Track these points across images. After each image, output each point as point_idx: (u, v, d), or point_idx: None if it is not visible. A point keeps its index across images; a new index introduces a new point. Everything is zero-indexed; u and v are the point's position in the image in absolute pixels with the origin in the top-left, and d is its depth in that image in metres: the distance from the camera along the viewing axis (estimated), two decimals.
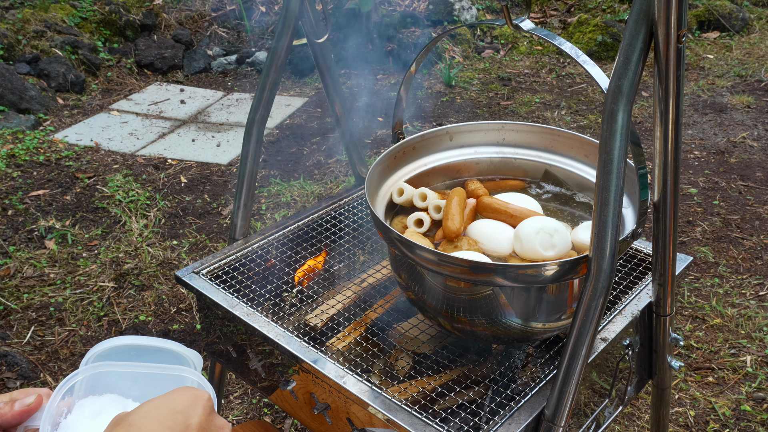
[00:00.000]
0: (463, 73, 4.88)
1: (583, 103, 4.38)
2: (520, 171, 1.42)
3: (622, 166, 0.92)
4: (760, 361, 2.33)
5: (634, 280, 1.39)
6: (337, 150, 3.80)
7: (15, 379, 2.32)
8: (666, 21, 0.86)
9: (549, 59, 5.13)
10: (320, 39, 1.47)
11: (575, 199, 1.35)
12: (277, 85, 1.45)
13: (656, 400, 1.39)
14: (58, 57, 4.65)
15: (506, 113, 4.28)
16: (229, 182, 3.56)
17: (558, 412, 1.00)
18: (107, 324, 2.59)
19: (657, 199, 1.07)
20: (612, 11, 5.58)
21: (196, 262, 1.43)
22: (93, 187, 3.48)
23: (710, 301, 2.61)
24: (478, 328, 1.14)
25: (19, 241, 3.04)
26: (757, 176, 3.45)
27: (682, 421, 2.14)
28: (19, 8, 4.97)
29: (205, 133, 4.17)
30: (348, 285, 1.45)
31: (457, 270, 1.05)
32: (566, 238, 1.14)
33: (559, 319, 1.14)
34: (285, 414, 2.21)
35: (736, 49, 5.07)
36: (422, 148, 1.39)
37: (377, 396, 1.10)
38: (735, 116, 4.09)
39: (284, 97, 4.61)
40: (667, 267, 1.13)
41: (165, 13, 5.48)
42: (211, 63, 5.21)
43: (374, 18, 5.08)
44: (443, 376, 1.21)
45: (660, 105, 0.95)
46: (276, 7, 5.63)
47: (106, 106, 4.54)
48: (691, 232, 3.03)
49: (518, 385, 1.20)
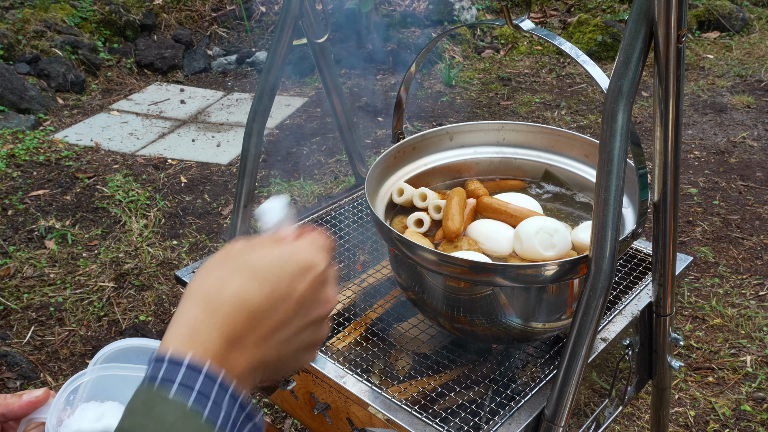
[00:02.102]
0: (463, 73, 4.88)
1: (583, 103, 4.38)
2: (520, 171, 1.42)
3: (622, 166, 0.92)
4: (760, 361, 2.33)
5: (634, 280, 1.39)
6: (337, 150, 3.80)
7: (15, 379, 2.32)
8: (666, 21, 0.86)
9: (549, 59, 5.13)
10: (320, 39, 1.47)
11: (575, 199, 1.35)
12: (277, 85, 1.45)
13: (656, 400, 1.39)
14: (58, 57, 4.65)
15: (506, 113, 4.28)
16: (229, 182, 3.56)
17: (558, 412, 1.00)
18: (107, 324, 2.59)
19: (657, 199, 1.06)
20: (612, 11, 5.58)
21: (196, 262, 1.43)
22: (93, 187, 3.48)
23: (710, 301, 2.61)
24: (478, 328, 1.14)
25: (19, 241, 3.04)
26: (757, 176, 3.45)
27: (682, 421, 2.14)
28: (19, 8, 4.97)
29: (205, 133, 4.17)
30: (348, 285, 1.45)
31: (457, 270, 1.05)
32: (566, 238, 1.14)
33: (559, 319, 1.14)
34: (285, 414, 2.21)
35: (736, 49, 5.07)
36: (422, 148, 1.39)
37: (377, 396, 1.10)
38: (735, 116, 4.09)
39: (284, 97, 4.61)
40: (667, 267, 1.13)
41: (165, 13, 5.48)
42: (211, 63, 5.21)
43: (374, 18, 5.08)
44: (443, 376, 1.21)
45: (660, 105, 0.95)
46: (276, 7, 5.63)
47: (106, 106, 4.54)
48: (691, 232, 3.03)
49: (518, 385, 1.20)
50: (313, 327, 0.65)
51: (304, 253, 0.64)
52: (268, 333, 0.60)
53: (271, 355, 0.61)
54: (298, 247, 0.65)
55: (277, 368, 0.64)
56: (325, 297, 0.65)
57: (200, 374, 0.54)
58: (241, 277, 0.60)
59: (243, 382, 0.58)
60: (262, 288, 0.60)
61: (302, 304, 0.62)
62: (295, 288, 0.62)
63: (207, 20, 5.58)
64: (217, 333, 0.57)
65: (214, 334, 0.57)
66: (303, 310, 0.62)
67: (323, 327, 0.66)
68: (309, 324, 0.64)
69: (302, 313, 0.63)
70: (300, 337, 0.63)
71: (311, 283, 0.63)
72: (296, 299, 0.62)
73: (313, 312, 0.64)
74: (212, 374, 0.55)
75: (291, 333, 0.62)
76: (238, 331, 0.58)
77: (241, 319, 0.58)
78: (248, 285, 0.60)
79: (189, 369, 0.54)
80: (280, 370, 0.65)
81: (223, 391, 0.55)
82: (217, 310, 0.58)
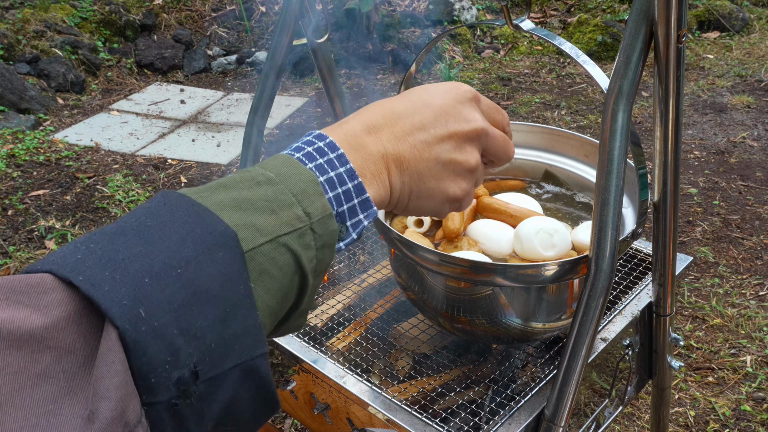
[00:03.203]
0: (463, 73, 4.88)
1: (583, 103, 4.38)
2: (520, 171, 1.42)
3: (622, 166, 0.92)
4: (760, 361, 2.33)
5: (634, 280, 1.39)
6: None
7: None
8: (666, 21, 0.86)
9: (549, 59, 5.13)
10: (320, 39, 1.47)
11: (575, 199, 1.35)
12: (277, 85, 1.45)
13: (656, 400, 1.39)
14: (58, 57, 4.65)
15: (506, 113, 4.28)
16: None
17: (558, 412, 1.00)
18: None
19: (657, 199, 1.06)
20: (612, 11, 5.58)
21: None
22: (93, 187, 3.48)
23: (710, 301, 2.61)
24: (478, 328, 1.14)
25: (19, 241, 3.04)
26: (757, 176, 3.45)
27: (682, 421, 2.14)
28: (19, 8, 4.97)
29: (205, 133, 4.17)
30: (348, 285, 1.45)
31: (457, 270, 1.05)
32: (566, 238, 1.14)
33: (559, 319, 1.14)
34: (285, 414, 2.20)
35: (736, 49, 5.07)
36: None
37: (377, 396, 1.10)
38: (735, 116, 4.09)
39: (284, 97, 4.61)
40: (667, 267, 1.13)
41: (165, 13, 5.48)
42: (211, 63, 5.21)
43: (374, 18, 5.08)
44: (443, 376, 1.21)
45: (660, 105, 0.95)
46: (276, 7, 5.63)
47: (106, 106, 4.54)
48: (691, 232, 3.03)
49: (518, 385, 1.20)
50: (453, 143, 0.66)
51: (453, 82, 0.69)
52: (405, 131, 0.63)
53: (409, 153, 0.63)
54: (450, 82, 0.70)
55: (416, 181, 0.65)
56: (468, 115, 0.67)
57: (323, 140, 0.59)
58: (395, 97, 0.67)
59: (374, 166, 0.61)
60: (407, 98, 0.66)
61: (442, 113, 0.65)
62: (436, 99, 0.66)
63: (207, 20, 5.58)
64: (358, 121, 0.63)
65: (355, 122, 0.63)
66: (442, 118, 0.65)
67: (466, 150, 0.67)
68: (448, 136, 0.65)
69: (441, 121, 0.65)
70: (439, 150, 0.65)
71: (454, 98, 0.67)
72: (436, 107, 0.65)
73: (452, 124, 0.66)
74: (330, 143, 0.59)
75: (429, 137, 0.64)
76: (376, 122, 0.63)
77: (381, 113, 0.64)
78: (397, 99, 0.66)
79: (316, 138, 0.59)
80: (419, 188, 0.65)
81: (340, 161, 0.58)
82: (362, 111, 0.65)
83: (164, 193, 0.49)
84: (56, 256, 0.42)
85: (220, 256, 0.45)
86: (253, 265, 0.47)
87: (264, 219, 0.49)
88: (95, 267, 0.40)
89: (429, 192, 0.65)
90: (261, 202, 0.50)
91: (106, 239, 0.43)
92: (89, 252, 0.42)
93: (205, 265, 0.44)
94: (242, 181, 0.52)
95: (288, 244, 0.50)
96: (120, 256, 0.42)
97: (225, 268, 0.45)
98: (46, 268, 0.41)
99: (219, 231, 0.46)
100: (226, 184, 0.51)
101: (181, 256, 0.43)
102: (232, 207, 0.49)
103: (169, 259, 0.43)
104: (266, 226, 0.49)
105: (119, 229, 0.44)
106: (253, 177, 0.52)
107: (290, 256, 0.50)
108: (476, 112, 0.68)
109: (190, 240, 0.44)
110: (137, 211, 0.47)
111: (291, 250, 0.50)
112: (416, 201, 0.66)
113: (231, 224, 0.47)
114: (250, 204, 0.50)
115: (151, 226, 0.45)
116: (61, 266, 0.40)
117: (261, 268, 0.48)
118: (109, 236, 0.44)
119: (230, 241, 0.46)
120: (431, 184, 0.65)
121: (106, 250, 0.42)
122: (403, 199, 0.65)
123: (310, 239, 0.52)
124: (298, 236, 0.51)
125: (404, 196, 0.64)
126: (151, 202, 0.48)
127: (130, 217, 0.46)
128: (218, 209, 0.48)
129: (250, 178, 0.52)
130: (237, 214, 0.48)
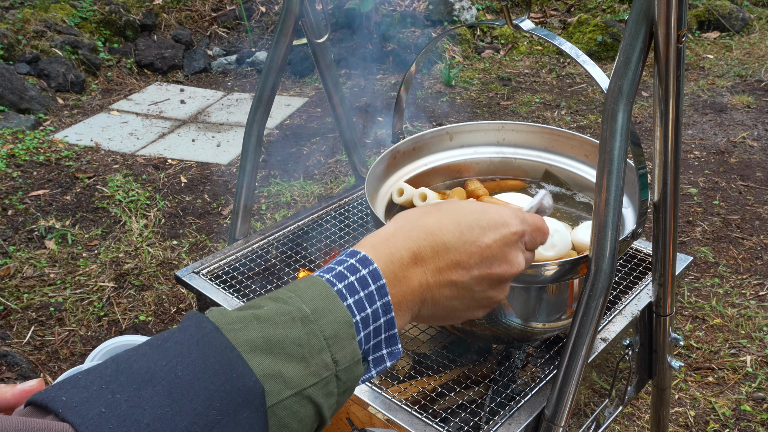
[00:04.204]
0: (463, 73, 4.88)
1: (583, 103, 4.38)
2: (520, 171, 1.42)
3: (622, 166, 0.92)
4: (760, 361, 2.33)
5: (634, 280, 1.39)
6: (337, 150, 3.80)
7: (15, 379, 2.32)
8: (666, 21, 0.86)
9: (549, 59, 5.13)
10: (320, 39, 1.47)
11: (575, 199, 1.35)
12: (277, 85, 1.45)
13: (656, 400, 1.39)
14: (58, 57, 4.65)
15: (506, 113, 4.28)
16: (229, 182, 3.56)
17: (558, 412, 1.00)
18: (107, 324, 2.59)
19: (657, 199, 1.06)
20: (612, 11, 5.58)
21: (196, 262, 1.43)
22: (93, 187, 3.48)
23: (710, 301, 2.61)
24: (478, 328, 1.14)
25: (19, 241, 3.04)
26: (757, 176, 3.45)
27: (682, 421, 2.14)
28: (19, 8, 4.97)
29: (205, 133, 4.17)
30: None
31: None
32: (566, 238, 1.14)
33: (559, 319, 1.14)
34: None
35: (736, 49, 5.07)
36: (422, 148, 1.39)
37: (377, 396, 1.10)
38: (735, 116, 4.09)
39: (284, 97, 4.61)
40: (667, 267, 1.13)
41: (165, 13, 5.48)
42: (211, 63, 5.21)
43: (374, 18, 5.08)
44: (443, 376, 1.21)
45: (660, 105, 0.95)
46: (276, 7, 5.63)
47: (106, 106, 4.54)
48: (691, 232, 3.03)
49: (518, 385, 1.20)
50: (491, 283, 0.66)
51: (504, 213, 0.68)
52: (449, 266, 0.63)
53: (447, 290, 0.63)
54: (502, 207, 0.69)
55: (445, 311, 0.65)
56: (512, 258, 0.67)
57: (366, 267, 0.57)
58: (441, 214, 0.65)
59: (411, 299, 0.60)
60: (456, 228, 0.64)
61: (487, 255, 0.65)
62: (485, 237, 0.65)
63: (207, 20, 5.58)
64: (407, 249, 0.61)
65: (403, 249, 0.61)
66: (486, 261, 0.65)
67: (502, 289, 0.68)
68: (488, 278, 0.65)
69: (485, 264, 0.65)
70: (477, 288, 0.65)
71: (501, 239, 0.66)
72: (483, 247, 0.64)
73: (495, 267, 0.65)
74: (374, 271, 0.57)
75: (469, 278, 0.64)
76: (424, 254, 0.62)
77: (431, 244, 0.62)
78: (446, 221, 0.64)
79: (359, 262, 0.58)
80: (445, 314, 0.66)
81: (379, 293, 0.57)
82: (411, 231, 0.63)
83: (198, 321, 0.48)
84: (78, 397, 0.41)
85: (243, 418, 0.45)
86: (274, 420, 0.47)
87: (292, 368, 0.49)
88: (119, 429, 0.40)
89: (451, 317, 0.67)
90: (292, 346, 0.50)
91: (133, 387, 0.42)
92: (114, 404, 0.41)
93: (229, 429, 0.44)
94: (277, 315, 0.51)
95: (312, 397, 0.50)
96: (145, 419, 0.41)
97: (247, 431, 0.45)
98: (69, 419, 0.39)
99: (247, 387, 0.46)
100: (262, 317, 0.51)
101: (207, 420, 0.43)
102: (263, 350, 0.48)
103: (193, 425, 0.42)
104: (294, 376, 0.49)
105: (148, 375, 0.43)
106: (288, 312, 0.51)
107: (312, 408, 0.50)
108: (520, 254, 0.69)
109: (218, 399, 0.44)
110: (168, 348, 0.46)
111: (314, 402, 0.50)
112: (434, 321, 0.68)
113: (259, 374, 0.47)
114: (282, 348, 0.49)
115: (181, 377, 0.44)
116: (84, 419, 0.39)
117: (282, 422, 0.48)
118: (136, 383, 0.42)
119: (256, 400, 0.46)
120: (458, 313, 0.67)
121: (132, 405, 0.41)
122: (422, 320, 0.67)
123: (334, 386, 0.52)
124: (323, 385, 0.51)
125: (425, 319, 0.66)
126: (184, 335, 0.47)
127: (161, 356, 0.45)
128: (249, 352, 0.48)
129: (285, 313, 0.51)
130: (267, 361, 0.48)
